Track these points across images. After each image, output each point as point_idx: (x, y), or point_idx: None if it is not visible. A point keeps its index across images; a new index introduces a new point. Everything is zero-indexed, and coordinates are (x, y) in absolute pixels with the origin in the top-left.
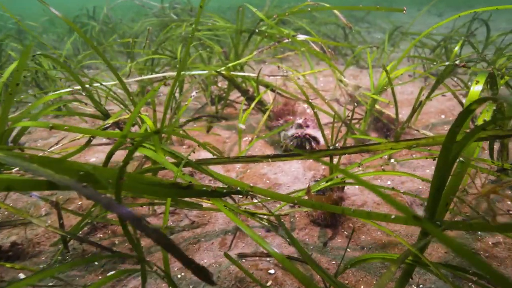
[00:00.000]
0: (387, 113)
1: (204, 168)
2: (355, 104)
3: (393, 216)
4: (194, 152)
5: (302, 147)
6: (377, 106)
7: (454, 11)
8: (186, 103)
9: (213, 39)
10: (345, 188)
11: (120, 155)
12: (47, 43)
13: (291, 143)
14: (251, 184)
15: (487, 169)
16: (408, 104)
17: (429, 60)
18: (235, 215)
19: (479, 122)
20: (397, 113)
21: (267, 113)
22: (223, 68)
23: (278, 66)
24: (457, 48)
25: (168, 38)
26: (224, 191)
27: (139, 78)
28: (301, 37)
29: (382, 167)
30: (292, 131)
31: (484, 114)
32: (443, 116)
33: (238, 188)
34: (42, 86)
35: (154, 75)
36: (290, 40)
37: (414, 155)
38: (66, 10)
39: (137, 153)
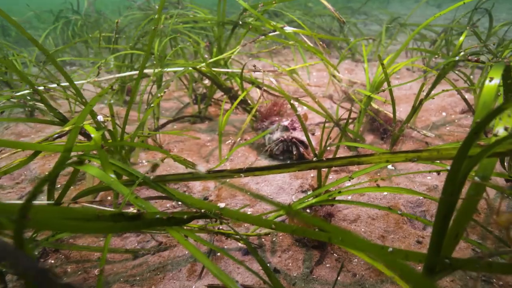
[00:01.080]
0: (384, 112)
1: (162, 186)
2: (351, 105)
3: (390, 249)
4: (159, 165)
5: (288, 152)
6: (373, 104)
7: (453, 2)
8: (154, 105)
9: (201, 33)
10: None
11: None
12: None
13: (276, 147)
14: (233, 193)
15: (500, 187)
16: (406, 100)
17: (429, 52)
18: (210, 236)
19: (498, 126)
20: (394, 114)
21: (251, 114)
22: (203, 64)
23: (273, 63)
24: (462, 39)
25: (148, 32)
26: (185, 217)
27: (110, 76)
28: (288, 29)
29: (377, 180)
30: (277, 135)
31: (505, 120)
32: (444, 114)
33: (204, 211)
34: (13, 85)
35: (130, 72)
36: (277, 32)
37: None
38: (51, 4)
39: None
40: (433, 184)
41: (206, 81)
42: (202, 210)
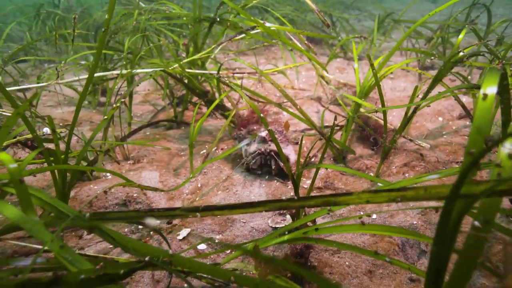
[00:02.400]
0: (374, 118)
1: (100, 228)
2: (335, 117)
3: None
4: (107, 192)
5: (267, 166)
6: (362, 110)
7: None
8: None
9: (176, 31)
10: (318, 220)
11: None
12: (14, 34)
13: (254, 161)
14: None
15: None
16: (400, 103)
17: (425, 53)
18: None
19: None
20: (385, 124)
21: (227, 122)
22: (176, 65)
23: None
24: (461, 37)
25: (122, 28)
26: (122, 272)
27: (74, 78)
28: (269, 26)
29: (361, 217)
30: (254, 147)
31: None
32: (440, 119)
33: (150, 259)
34: None
35: (103, 73)
36: (259, 30)
37: (407, 174)
38: None
39: None
40: (431, 205)
41: (186, 81)
42: (147, 258)
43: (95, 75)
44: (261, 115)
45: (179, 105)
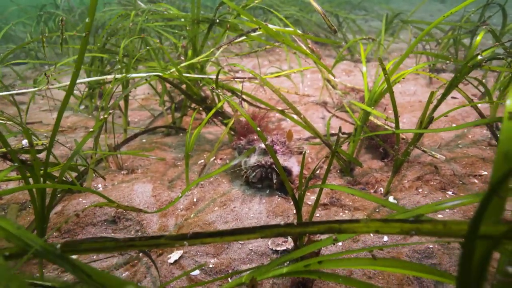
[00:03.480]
0: (385, 127)
1: (70, 261)
2: (339, 129)
3: None
4: (79, 215)
5: (268, 179)
6: (371, 118)
7: None
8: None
9: (176, 33)
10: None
11: None
12: (19, 35)
13: (254, 174)
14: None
15: None
16: (410, 108)
17: (439, 57)
18: None
19: None
20: (398, 138)
21: (225, 131)
22: (172, 70)
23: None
24: (479, 39)
25: (120, 29)
26: None
27: (66, 83)
28: (272, 27)
29: (372, 251)
30: (254, 159)
31: None
32: (455, 126)
33: None
34: None
35: (97, 77)
36: (261, 32)
37: (421, 189)
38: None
39: None
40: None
41: (184, 86)
42: None
43: (91, 79)
44: (258, 128)
45: (178, 110)
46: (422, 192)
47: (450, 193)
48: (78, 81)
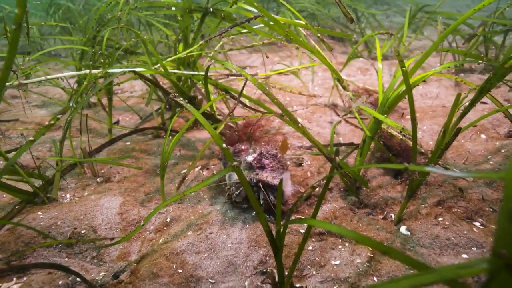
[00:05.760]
0: (399, 137)
1: None
2: (335, 156)
3: None
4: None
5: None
6: (384, 126)
7: None
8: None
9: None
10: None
11: None
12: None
13: (238, 192)
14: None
15: None
16: (432, 114)
17: (474, 57)
18: None
19: None
20: (415, 149)
21: (207, 143)
22: (157, 66)
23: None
24: None
25: (110, 20)
26: None
27: (40, 78)
28: (280, 18)
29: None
30: None
31: None
32: (483, 136)
33: None
34: None
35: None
36: (262, 24)
37: (442, 218)
38: None
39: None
40: None
41: (181, 83)
42: None
43: (75, 73)
44: (251, 134)
45: (170, 109)
46: (442, 222)
47: (477, 224)
48: (59, 75)
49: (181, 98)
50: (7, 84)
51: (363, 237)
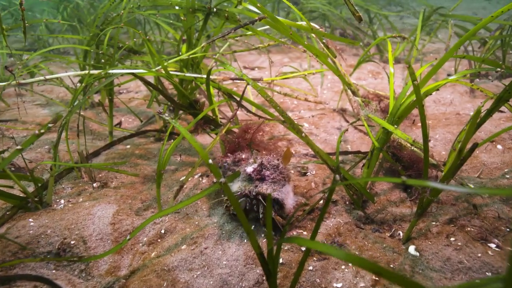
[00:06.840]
0: (410, 148)
1: None
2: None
3: None
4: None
5: (254, 212)
6: (394, 136)
7: None
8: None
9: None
10: None
11: None
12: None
13: None
14: None
15: None
16: (445, 122)
17: (493, 65)
18: None
19: None
20: (426, 163)
21: (212, 142)
22: (158, 68)
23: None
24: None
25: (114, 18)
26: None
27: (38, 78)
28: (281, 19)
29: None
30: (237, 185)
31: None
32: (500, 147)
33: None
34: None
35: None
36: (267, 27)
37: (454, 238)
38: None
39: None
40: None
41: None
42: None
43: (74, 73)
44: (251, 141)
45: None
46: (454, 243)
47: (493, 246)
48: (58, 75)
49: (166, 114)
50: (5, 83)
51: (367, 262)
